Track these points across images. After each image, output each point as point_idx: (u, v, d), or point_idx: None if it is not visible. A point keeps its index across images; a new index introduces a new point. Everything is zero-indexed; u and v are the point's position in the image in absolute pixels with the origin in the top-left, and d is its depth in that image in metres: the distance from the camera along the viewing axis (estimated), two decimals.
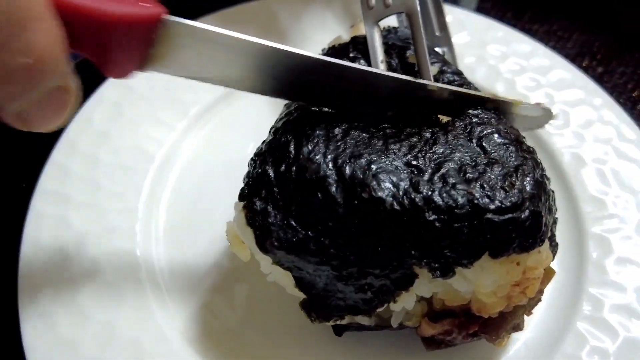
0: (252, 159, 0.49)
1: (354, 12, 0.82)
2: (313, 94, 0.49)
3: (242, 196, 0.47)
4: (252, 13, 0.81)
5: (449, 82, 0.54)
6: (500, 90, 0.74)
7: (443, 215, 0.42)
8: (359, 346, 0.55)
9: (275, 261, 0.46)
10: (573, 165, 0.67)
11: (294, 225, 0.44)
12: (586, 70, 0.84)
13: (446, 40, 0.72)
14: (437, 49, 0.67)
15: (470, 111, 0.49)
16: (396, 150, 0.45)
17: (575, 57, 0.87)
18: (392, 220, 0.42)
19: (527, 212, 0.42)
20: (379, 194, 0.42)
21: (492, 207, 0.42)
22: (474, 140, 0.46)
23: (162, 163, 0.67)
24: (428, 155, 0.45)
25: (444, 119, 0.49)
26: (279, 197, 0.45)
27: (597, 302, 0.56)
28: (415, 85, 0.49)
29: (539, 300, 0.50)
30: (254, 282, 0.58)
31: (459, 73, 0.56)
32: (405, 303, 0.47)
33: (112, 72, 0.40)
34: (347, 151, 0.45)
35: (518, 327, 0.50)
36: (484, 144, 0.46)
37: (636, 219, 0.62)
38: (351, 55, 0.57)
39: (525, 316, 0.50)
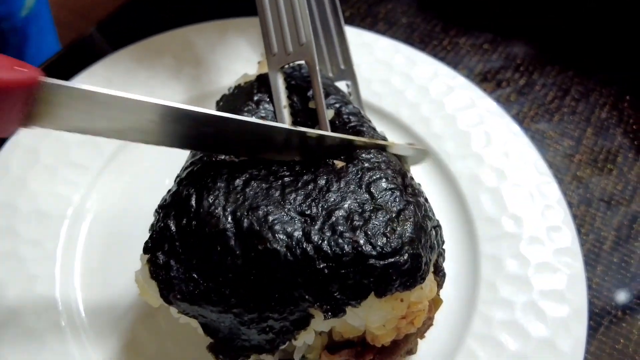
0: (156, 210, 0.51)
1: None
2: (211, 145, 0.52)
3: (146, 249, 0.49)
4: (168, 43, 0.83)
5: (345, 123, 0.58)
6: (404, 115, 0.78)
7: (331, 263, 0.46)
8: None
9: (180, 311, 0.50)
10: (471, 187, 0.72)
11: (196, 277, 0.47)
12: (508, 82, 0.91)
13: (350, 73, 0.76)
14: (341, 83, 0.71)
15: (363, 155, 0.53)
16: (292, 200, 0.49)
17: (499, 70, 0.93)
18: (286, 269, 0.46)
19: (406, 256, 0.46)
20: (274, 245, 0.46)
21: (373, 253, 0.46)
22: (363, 187, 0.50)
23: (78, 206, 0.68)
24: (321, 203, 0.49)
25: (339, 164, 0.53)
26: (180, 251, 0.48)
27: (487, 320, 0.61)
28: (308, 134, 0.52)
29: (431, 324, 0.54)
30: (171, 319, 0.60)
31: (356, 113, 0.60)
32: (305, 339, 0.51)
33: None
34: (246, 204, 0.48)
35: (411, 352, 0.55)
36: (372, 190, 0.50)
37: (527, 236, 0.67)
38: (255, 98, 0.61)
39: (419, 339, 0.55)
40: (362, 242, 0.46)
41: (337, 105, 0.60)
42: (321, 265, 0.45)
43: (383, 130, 0.61)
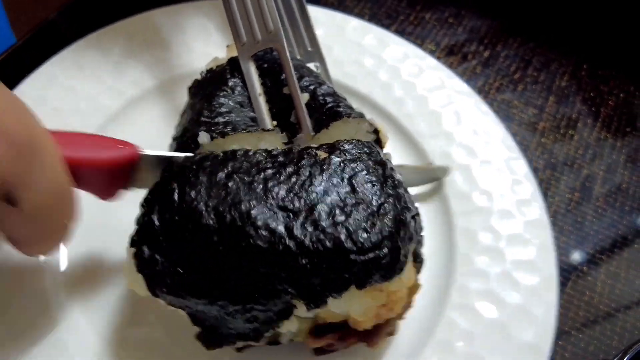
0: (141, 204, 0.48)
1: None
2: None
3: (132, 242, 0.47)
4: (135, 27, 0.77)
5: (322, 105, 0.56)
6: (378, 96, 0.75)
7: (313, 258, 0.44)
8: (260, 357, 0.56)
9: (167, 303, 0.48)
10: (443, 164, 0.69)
11: (180, 271, 0.45)
12: (473, 55, 0.88)
13: (318, 54, 0.72)
14: (310, 64, 0.68)
15: (346, 145, 0.50)
16: (275, 195, 0.46)
17: (464, 43, 0.90)
18: (269, 264, 0.44)
19: (385, 250, 0.44)
20: (257, 242, 0.44)
21: (354, 248, 0.44)
22: (345, 180, 0.48)
23: None
24: (304, 197, 0.46)
25: (322, 154, 0.50)
26: (165, 245, 0.45)
27: (465, 290, 0.60)
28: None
29: (409, 306, 0.53)
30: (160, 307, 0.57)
31: (331, 93, 0.57)
32: (289, 327, 0.49)
33: (104, 196, 0.50)
34: (229, 199, 0.45)
35: (392, 333, 0.54)
36: (354, 183, 0.47)
37: (497, 210, 0.66)
38: (230, 83, 0.58)
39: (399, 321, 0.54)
40: (343, 237, 0.44)
41: (312, 87, 0.57)
42: (303, 261, 0.44)
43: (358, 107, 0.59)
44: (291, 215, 0.45)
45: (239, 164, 0.48)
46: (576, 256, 0.70)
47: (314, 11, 0.79)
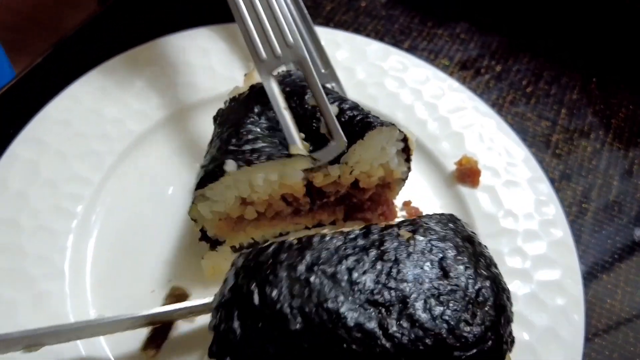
0: (215, 308, 0.42)
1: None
2: None
3: (211, 354, 0.41)
4: (161, 50, 0.73)
5: (352, 118, 0.53)
6: (400, 118, 0.72)
7: (414, 359, 0.39)
8: None
9: None
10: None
11: None
12: (486, 69, 0.85)
13: (332, 76, 0.70)
14: (327, 85, 0.65)
15: (430, 223, 0.46)
16: (362, 286, 0.41)
17: (477, 58, 0.87)
18: None
19: (490, 343, 0.40)
20: (352, 345, 0.39)
21: (457, 344, 0.39)
22: (435, 263, 0.43)
23: (82, 219, 0.60)
24: (394, 287, 0.41)
25: (406, 234, 0.45)
26: (251, 355, 0.40)
27: None
28: None
29: None
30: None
31: (356, 106, 0.55)
32: None
33: None
34: (313, 296, 0.40)
35: None
36: (445, 267, 0.43)
37: (521, 232, 0.64)
38: (256, 110, 0.55)
39: None
40: (444, 333, 0.39)
41: (337, 103, 0.54)
42: None
43: None
44: (383, 311, 0.40)
45: (317, 252, 0.42)
46: (596, 264, 0.69)
47: (332, 34, 0.75)
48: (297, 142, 0.52)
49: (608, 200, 0.75)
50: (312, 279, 0.41)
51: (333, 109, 0.53)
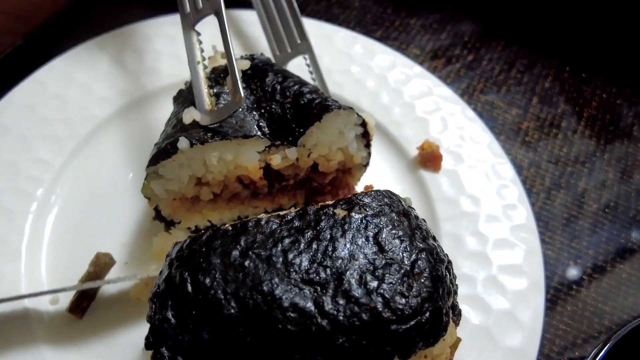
0: (150, 299, 0.42)
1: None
2: None
3: (148, 344, 0.40)
4: (128, 37, 0.73)
5: (310, 101, 0.53)
6: (365, 104, 0.71)
7: (351, 335, 0.39)
8: None
9: None
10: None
11: None
12: (457, 58, 0.85)
13: (306, 47, 0.70)
14: (299, 57, 0.67)
15: (365, 199, 0.45)
16: (297, 267, 0.40)
17: (448, 47, 0.86)
18: (304, 349, 0.39)
19: (427, 314, 0.40)
20: (287, 326, 0.38)
21: (394, 317, 0.39)
22: (370, 238, 0.42)
23: (42, 201, 0.60)
24: (329, 265, 0.41)
25: (341, 212, 0.44)
26: (185, 344, 0.39)
27: None
28: None
29: None
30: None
31: (316, 90, 0.55)
32: None
33: None
34: (248, 280, 0.39)
35: None
36: (380, 241, 0.42)
37: (483, 215, 0.63)
38: (215, 91, 0.55)
39: None
40: (380, 307, 0.39)
41: (297, 87, 0.54)
42: (340, 340, 0.38)
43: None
44: (319, 289, 0.39)
45: (252, 237, 0.42)
46: (562, 250, 0.69)
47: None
48: (203, 94, 0.53)
49: (577, 188, 0.74)
50: (246, 263, 0.40)
51: (243, 64, 0.54)
